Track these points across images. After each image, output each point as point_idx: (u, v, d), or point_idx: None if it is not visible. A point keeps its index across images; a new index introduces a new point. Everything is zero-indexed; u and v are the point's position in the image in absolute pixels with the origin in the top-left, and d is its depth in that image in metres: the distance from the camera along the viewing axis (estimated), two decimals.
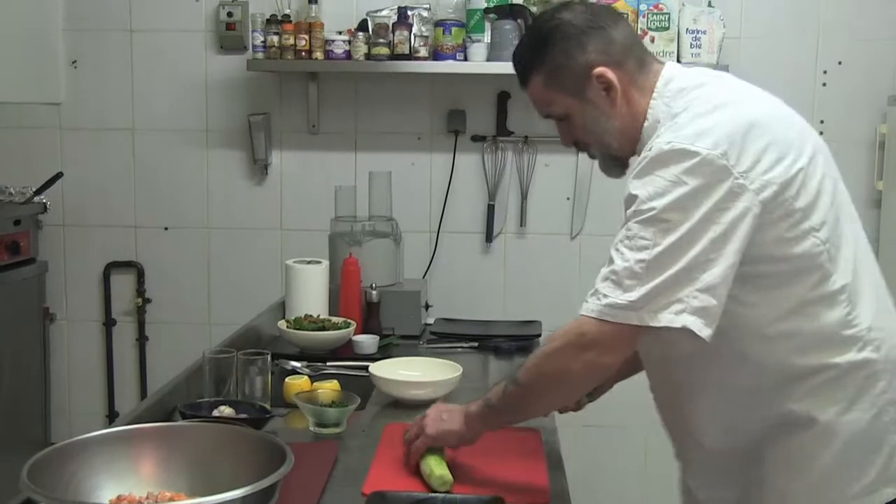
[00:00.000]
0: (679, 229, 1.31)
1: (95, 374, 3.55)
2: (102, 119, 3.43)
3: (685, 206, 1.31)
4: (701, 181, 1.31)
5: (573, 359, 1.37)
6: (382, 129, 3.38)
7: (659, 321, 1.31)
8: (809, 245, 1.37)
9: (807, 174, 1.38)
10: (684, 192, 1.31)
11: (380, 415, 1.91)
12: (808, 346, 1.39)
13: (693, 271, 1.31)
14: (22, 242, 3.19)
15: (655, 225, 1.32)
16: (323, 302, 2.53)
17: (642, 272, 1.31)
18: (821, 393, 1.39)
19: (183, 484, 1.28)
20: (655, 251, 1.31)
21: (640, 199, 1.34)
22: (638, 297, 1.31)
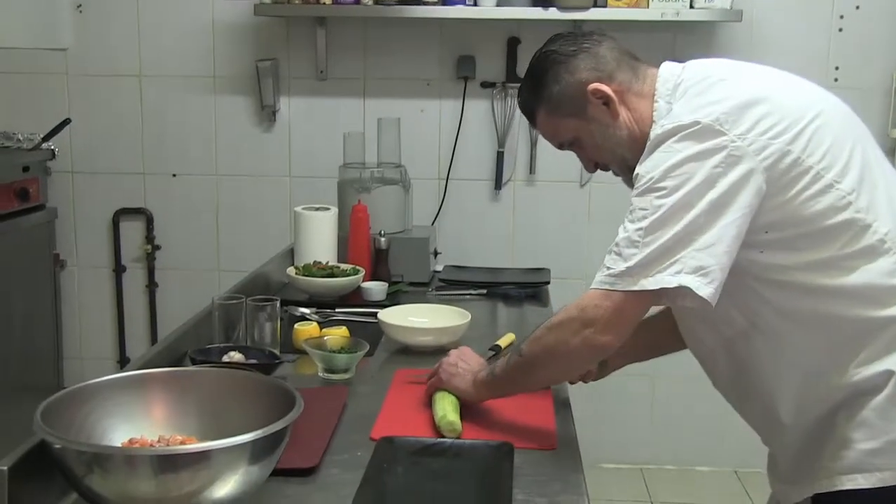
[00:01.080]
0: (675, 195, 1.31)
1: (106, 320, 3.58)
2: (109, 65, 3.41)
3: (680, 171, 1.32)
4: (696, 147, 1.32)
5: (572, 334, 1.39)
6: (391, 75, 3.35)
7: (656, 282, 1.31)
8: (834, 198, 1.34)
9: (816, 129, 1.36)
10: (678, 158, 1.33)
11: (388, 361, 1.92)
12: (866, 299, 1.35)
13: (691, 234, 1.30)
14: (31, 189, 3.19)
15: (651, 193, 1.33)
16: (332, 249, 2.53)
17: (640, 239, 1.32)
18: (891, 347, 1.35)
19: (193, 428, 1.29)
20: (652, 217, 1.32)
21: (639, 176, 1.37)
22: (635, 263, 1.32)
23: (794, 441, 1.45)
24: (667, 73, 1.51)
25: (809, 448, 1.43)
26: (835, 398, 1.38)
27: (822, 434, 1.40)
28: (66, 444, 1.08)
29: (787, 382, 1.43)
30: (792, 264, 1.36)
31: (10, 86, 3.43)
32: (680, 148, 1.33)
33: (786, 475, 1.50)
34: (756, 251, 1.36)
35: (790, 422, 1.44)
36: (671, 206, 1.31)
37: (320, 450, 1.40)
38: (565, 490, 1.31)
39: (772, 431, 1.51)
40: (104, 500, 1.10)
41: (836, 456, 1.38)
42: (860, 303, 1.35)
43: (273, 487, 1.25)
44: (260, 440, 1.11)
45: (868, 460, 1.35)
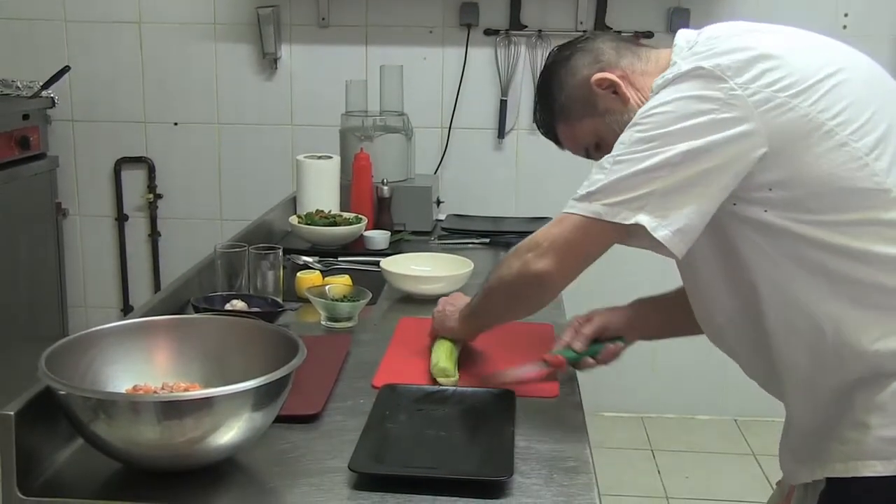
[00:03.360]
0: (657, 129, 1.24)
1: (109, 268, 3.59)
2: (108, 11, 3.37)
3: (667, 109, 1.25)
4: (690, 90, 1.24)
5: (515, 258, 1.34)
6: (393, 22, 3.32)
7: (613, 214, 1.24)
8: (847, 157, 1.23)
9: (833, 85, 1.26)
10: (669, 97, 1.25)
11: (391, 309, 1.93)
12: (891, 267, 1.24)
13: (661, 170, 1.22)
14: (31, 137, 3.17)
15: (633, 128, 1.27)
16: (334, 197, 2.52)
17: (609, 167, 1.26)
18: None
19: (197, 375, 1.29)
20: (626, 149, 1.26)
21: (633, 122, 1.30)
22: (597, 188, 1.26)
23: (808, 419, 1.35)
24: (682, 40, 1.42)
25: (824, 427, 1.32)
26: (851, 376, 1.27)
27: (838, 413, 1.30)
28: (70, 390, 1.09)
29: (803, 352, 1.31)
30: (803, 226, 1.24)
31: (8, 32, 3.40)
32: (673, 90, 1.26)
33: (798, 452, 1.39)
34: (759, 209, 1.25)
35: (804, 396, 1.34)
36: (648, 138, 1.24)
37: (323, 397, 1.41)
38: (567, 437, 1.32)
39: (790, 408, 1.40)
40: (109, 445, 1.11)
41: (851, 439, 1.28)
42: (885, 271, 1.23)
43: (276, 434, 1.26)
44: (263, 387, 1.12)
45: (886, 447, 1.26)
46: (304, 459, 1.23)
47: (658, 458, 3.27)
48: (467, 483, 1.16)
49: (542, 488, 1.17)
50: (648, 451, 3.33)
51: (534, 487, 1.17)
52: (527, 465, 1.23)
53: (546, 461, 1.25)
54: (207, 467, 1.17)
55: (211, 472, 1.17)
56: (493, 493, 1.15)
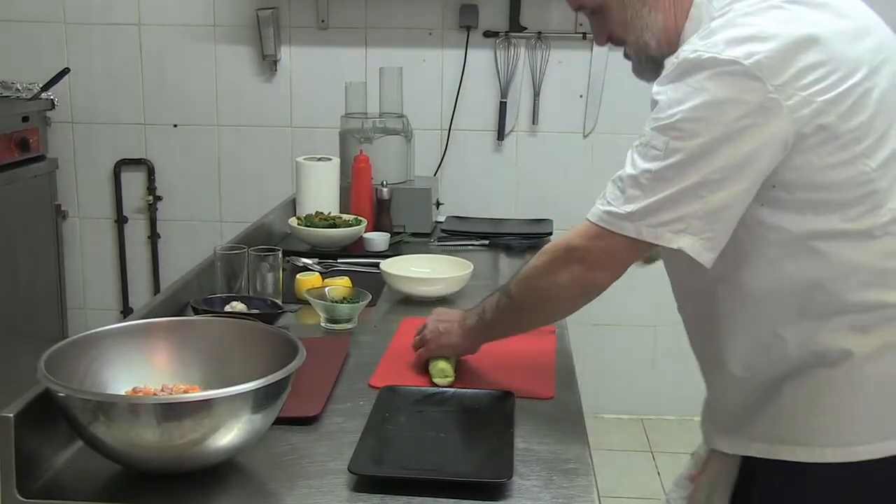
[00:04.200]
0: (693, 141, 1.18)
1: (109, 270, 3.59)
2: (107, 13, 3.37)
3: (705, 116, 1.18)
4: (727, 91, 1.18)
5: (562, 272, 1.30)
6: (393, 24, 3.32)
7: (656, 238, 1.21)
8: (856, 172, 1.21)
9: (864, 92, 1.21)
10: (705, 100, 1.18)
11: (390, 311, 1.93)
12: (850, 277, 1.25)
13: (701, 189, 1.19)
14: (31, 139, 3.18)
15: (669, 134, 1.20)
16: (334, 199, 2.52)
17: (647, 183, 1.21)
18: (859, 328, 1.27)
19: (196, 377, 1.29)
20: (664, 164, 1.20)
21: (659, 105, 1.23)
22: (637, 209, 1.21)
23: (739, 396, 1.38)
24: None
25: (753, 407, 1.35)
26: (787, 364, 1.30)
27: (769, 396, 1.33)
28: (70, 392, 1.09)
29: (745, 337, 1.34)
30: (790, 226, 1.24)
31: (8, 34, 3.40)
32: (710, 87, 1.18)
33: (724, 424, 1.43)
34: (757, 203, 1.24)
35: (739, 375, 1.36)
36: (686, 156, 1.19)
37: (323, 399, 1.41)
38: (566, 439, 1.32)
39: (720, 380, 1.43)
40: (109, 447, 1.11)
41: (778, 421, 1.32)
42: (843, 279, 1.25)
43: (276, 436, 1.27)
44: (262, 389, 1.12)
45: (809, 434, 1.29)
46: (303, 461, 1.23)
47: (658, 460, 3.27)
48: (467, 485, 1.16)
49: (541, 490, 1.17)
50: (648, 452, 3.33)
51: (533, 489, 1.17)
52: (526, 467, 1.23)
53: (546, 463, 1.25)
54: (207, 469, 1.16)
55: (210, 475, 1.17)
56: (493, 495, 1.15)
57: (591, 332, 3.33)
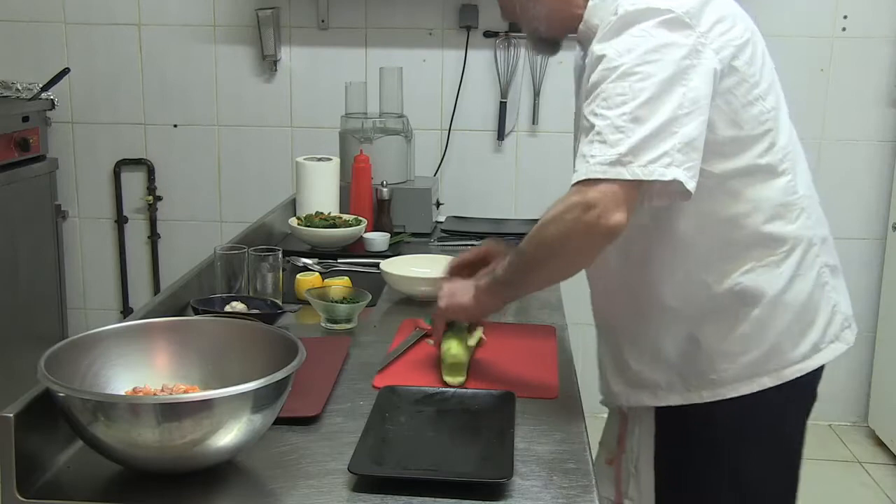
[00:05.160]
0: (653, 79, 1.29)
1: (109, 270, 3.59)
2: (108, 13, 3.37)
3: (656, 58, 1.30)
4: (669, 36, 1.32)
5: (574, 223, 1.32)
6: (393, 24, 3.32)
7: (650, 174, 1.27)
8: (758, 111, 1.41)
9: (754, 43, 1.43)
10: (653, 44, 1.31)
11: (390, 311, 1.93)
12: (761, 211, 1.44)
13: (673, 124, 1.29)
14: (31, 139, 3.18)
15: (628, 79, 1.30)
16: (334, 199, 2.52)
17: (626, 124, 1.28)
18: (770, 265, 1.45)
19: (196, 377, 1.29)
20: (635, 102, 1.29)
21: (608, 58, 1.32)
22: (626, 149, 1.28)
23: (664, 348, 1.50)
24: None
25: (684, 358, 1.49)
26: (712, 305, 1.46)
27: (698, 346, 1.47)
28: (70, 392, 1.09)
29: (673, 281, 1.47)
30: (713, 168, 1.39)
31: (8, 34, 3.40)
32: (655, 34, 1.31)
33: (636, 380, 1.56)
34: None
35: (664, 327, 1.49)
36: (654, 92, 1.29)
37: (323, 399, 1.41)
38: (566, 439, 1.32)
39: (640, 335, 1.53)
40: (109, 447, 1.11)
41: (714, 368, 1.47)
42: (753, 214, 1.43)
43: (276, 436, 1.27)
44: (262, 389, 1.12)
45: (748, 370, 1.46)
46: (303, 461, 1.23)
47: None
48: (467, 485, 1.16)
49: (541, 490, 1.17)
50: None
51: (533, 489, 1.17)
52: (526, 467, 1.23)
53: (546, 463, 1.25)
54: (207, 469, 1.16)
55: (210, 475, 1.17)
56: (493, 495, 1.15)
57: (591, 332, 3.33)
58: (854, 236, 3.40)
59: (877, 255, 3.41)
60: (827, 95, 3.27)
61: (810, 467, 1.67)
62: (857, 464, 3.31)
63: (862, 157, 3.35)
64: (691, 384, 1.50)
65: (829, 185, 3.35)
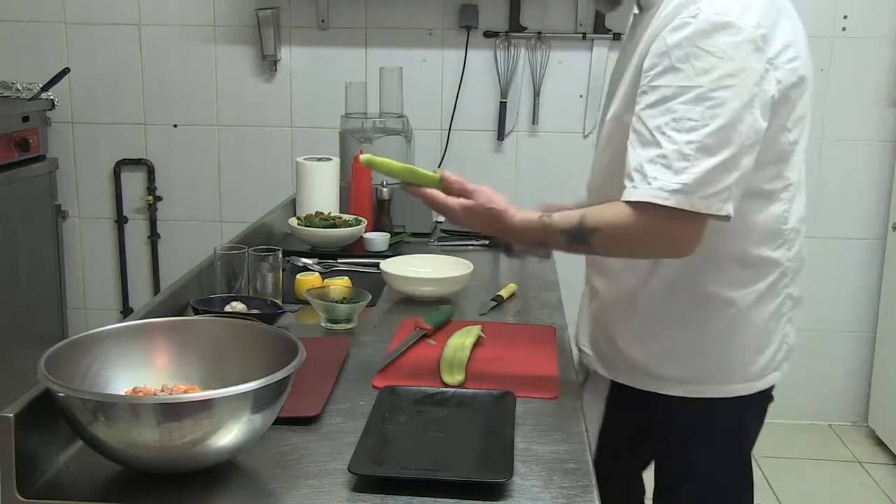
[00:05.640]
0: (727, 107, 1.28)
1: (109, 270, 3.59)
2: (107, 13, 3.37)
3: (732, 83, 1.28)
4: (746, 59, 1.30)
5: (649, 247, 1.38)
6: (393, 24, 3.32)
7: (709, 207, 1.29)
8: (782, 141, 1.41)
9: (809, 79, 1.42)
10: (731, 68, 1.28)
11: (390, 311, 1.93)
12: (749, 233, 1.45)
13: (739, 157, 1.29)
14: (31, 139, 3.18)
15: (703, 104, 1.28)
16: (334, 199, 2.52)
17: (693, 153, 1.28)
18: (744, 281, 1.49)
19: (196, 377, 1.29)
20: (706, 130, 1.28)
21: (685, 75, 1.30)
22: (691, 181, 1.28)
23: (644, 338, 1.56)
24: None
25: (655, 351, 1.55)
26: (684, 308, 1.50)
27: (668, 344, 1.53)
28: (70, 392, 1.09)
29: (656, 282, 1.51)
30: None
31: (8, 34, 3.40)
32: (734, 56, 1.29)
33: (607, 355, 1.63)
34: None
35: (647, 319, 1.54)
36: (725, 121, 1.28)
37: (323, 399, 1.41)
38: (566, 439, 1.32)
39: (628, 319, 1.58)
40: (108, 447, 1.11)
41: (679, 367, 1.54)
42: (746, 235, 1.45)
43: (276, 436, 1.27)
44: (262, 389, 1.12)
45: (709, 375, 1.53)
46: (303, 461, 1.23)
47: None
48: (467, 485, 1.16)
49: (541, 490, 1.17)
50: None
51: (533, 489, 1.17)
52: (526, 467, 1.23)
53: (546, 463, 1.25)
54: (207, 469, 1.16)
55: (210, 475, 1.17)
56: (493, 495, 1.15)
57: None
58: (854, 236, 3.40)
59: (877, 255, 3.41)
60: (827, 95, 3.27)
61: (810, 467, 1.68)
62: (857, 464, 3.31)
63: (862, 157, 3.35)
64: (656, 374, 1.56)
65: (829, 185, 3.36)
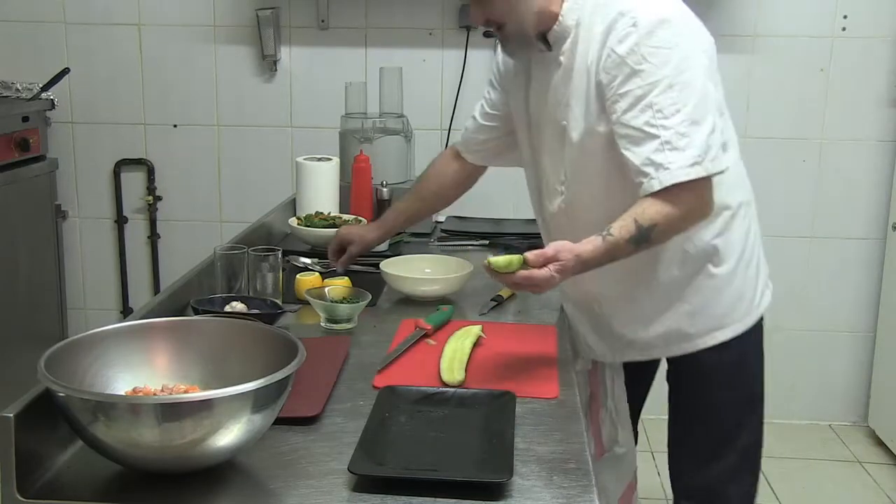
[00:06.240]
0: (693, 85, 1.51)
1: (109, 270, 3.59)
2: (107, 13, 3.37)
3: (688, 65, 1.51)
4: (688, 44, 1.53)
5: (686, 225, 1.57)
6: (393, 24, 3.32)
7: (717, 166, 1.52)
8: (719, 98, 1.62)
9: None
10: (682, 53, 1.51)
11: (390, 311, 1.93)
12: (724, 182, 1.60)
13: (713, 119, 1.52)
14: (31, 139, 3.18)
15: (675, 89, 1.49)
16: (334, 199, 2.52)
17: (687, 129, 1.49)
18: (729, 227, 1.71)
19: (196, 377, 1.29)
20: (687, 110, 1.49)
21: (646, 73, 1.50)
22: (698, 151, 1.49)
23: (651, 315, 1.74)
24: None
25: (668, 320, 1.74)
26: (690, 269, 1.69)
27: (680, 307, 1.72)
28: (70, 392, 1.09)
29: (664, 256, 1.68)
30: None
31: (8, 34, 3.40)
32: (678, 42, 1.52)
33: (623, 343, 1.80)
34: None
35: (652, 298, 1.73)
36: (698, 97, 1.51)
37: (323, 399, 1.41)
38: (566, 439, 1.32)
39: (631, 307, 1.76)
40: (108, 447, 1.11)
41: (692, 324, 1.73)
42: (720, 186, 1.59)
43: (276, 436, 1.27)
44: (262, 389, 1.12)
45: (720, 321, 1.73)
46: (303, 461, 1.23)
47: (658, 460, 3.26)
48: (467, 485, 1.16)
49: (541, 490, 1.17)
50: (648, 452, 3.32)
51: (533, 489, 1.17)
52: (526, 467, 1.23)
53: (545, 463, 1.25)
54: (207, 469, 1.17)
55: (210, 475, 1.17)
56: (493, 495, 1.15)
57: None
58: (854, 236, 3.40)
59: (877, 255, 3.41)
60: (827, 95, 3.27)
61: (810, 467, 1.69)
62: (857, 464, 3.31)
63: (862, 157, 3.35)
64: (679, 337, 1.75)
65: (829, 185, 3.36)
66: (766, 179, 2.97)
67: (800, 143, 3.32)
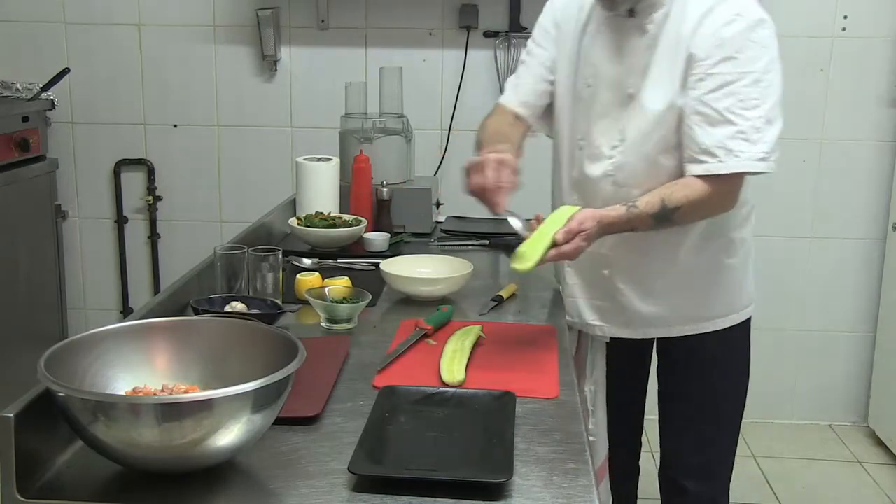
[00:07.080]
0: (774, 87, 1.65)
1: (109, 270, 3.59)
2: (107, 13, 3.37)
3: (773, 67, 1.66)
4: (775, 46, 1.68)
5: (721, 209, 1.72)
6: (393, 24, 3.32)
7: (776, 167, 1.66)
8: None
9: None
10: (771, 55, 1.66)
11: (390, 311, 1.92)
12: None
13: (782, 121, 1.66)
14: (31, 139, 3.18)
15: (760, 85, 1.63)
16: (334, 199, 2.52)
17: (762, 126, 1.63)
18: (749, 220, 1.89)
19: (196, 377, 1.29)
20: (766, 106, 1.63)
21: (739, 62, 1.63)
22: (768, 148, 1.63)
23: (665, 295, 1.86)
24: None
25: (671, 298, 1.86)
26: (705, 259, 1.82)
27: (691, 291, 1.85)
28: (70, 392, 1.09)
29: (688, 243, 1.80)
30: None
31: (8, 34, 3.40)
32: (769, 44, 1.66)
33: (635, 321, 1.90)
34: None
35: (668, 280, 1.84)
36: (775, 99, 1.66)
37: (323, 399, 1.41)
38: (566, 439, 1.32)
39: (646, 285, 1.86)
40: (108, 447, 1.11)
41: (697, 308, 1.87)
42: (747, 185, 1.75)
43: (276, 436, 1.27)
44: (262, 389, 1.12)
45: (727, 307, 1.88)
46: (303, 461, 1.23)
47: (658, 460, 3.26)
48: (467, 485, 1.16)
49: (541, 490, 1.17)
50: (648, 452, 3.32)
51: (533, 489, 1.17)
52: (526, 468, 1.23)
53: (545, 463, 1.25)
54: (207, 469, 1.17)
55: (210, 475, 1.17)
56: (493, 495, 1.15)
57: None
58: (854, 236, 3.40)
59: (877, 255, 3.41)
60: (827, 95, 3.27)
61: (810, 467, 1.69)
62: (857, 464, 3.31)
63: (862, 157, 3.35)
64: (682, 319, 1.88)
65: (829, 185, 3.36)
66: (766, 179, 2.96)
67: (800, 143, 3.32)
